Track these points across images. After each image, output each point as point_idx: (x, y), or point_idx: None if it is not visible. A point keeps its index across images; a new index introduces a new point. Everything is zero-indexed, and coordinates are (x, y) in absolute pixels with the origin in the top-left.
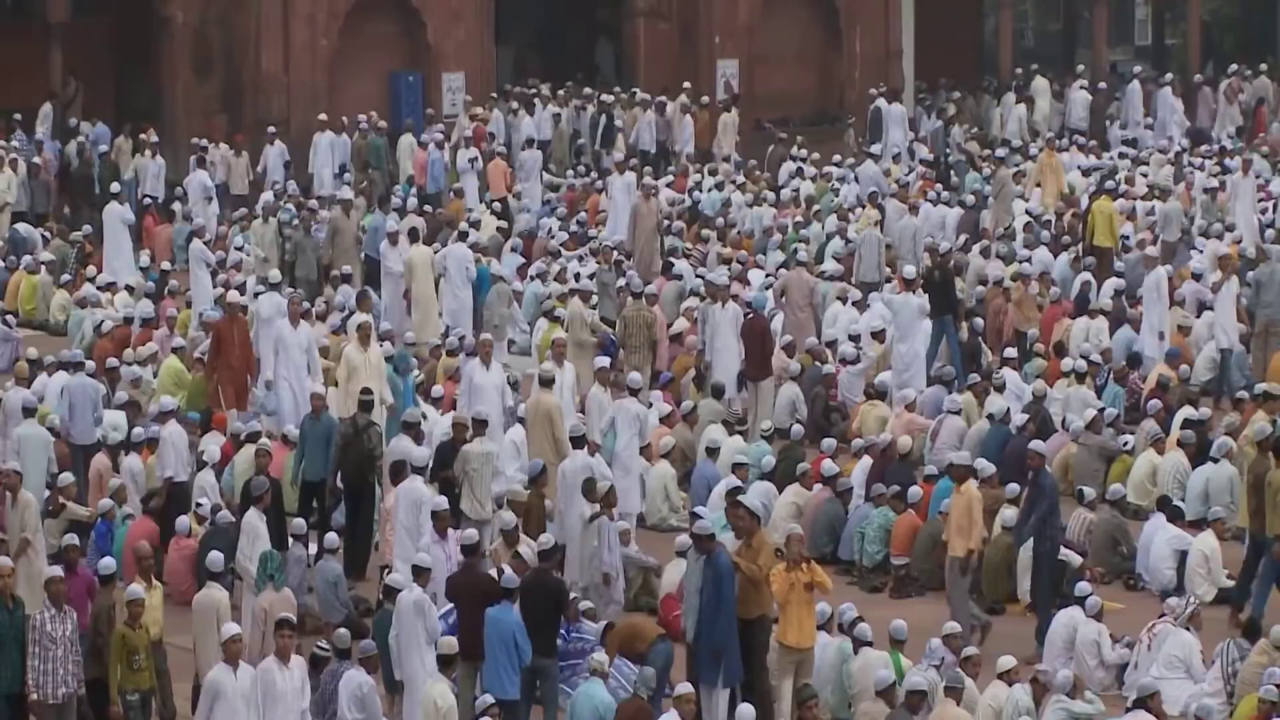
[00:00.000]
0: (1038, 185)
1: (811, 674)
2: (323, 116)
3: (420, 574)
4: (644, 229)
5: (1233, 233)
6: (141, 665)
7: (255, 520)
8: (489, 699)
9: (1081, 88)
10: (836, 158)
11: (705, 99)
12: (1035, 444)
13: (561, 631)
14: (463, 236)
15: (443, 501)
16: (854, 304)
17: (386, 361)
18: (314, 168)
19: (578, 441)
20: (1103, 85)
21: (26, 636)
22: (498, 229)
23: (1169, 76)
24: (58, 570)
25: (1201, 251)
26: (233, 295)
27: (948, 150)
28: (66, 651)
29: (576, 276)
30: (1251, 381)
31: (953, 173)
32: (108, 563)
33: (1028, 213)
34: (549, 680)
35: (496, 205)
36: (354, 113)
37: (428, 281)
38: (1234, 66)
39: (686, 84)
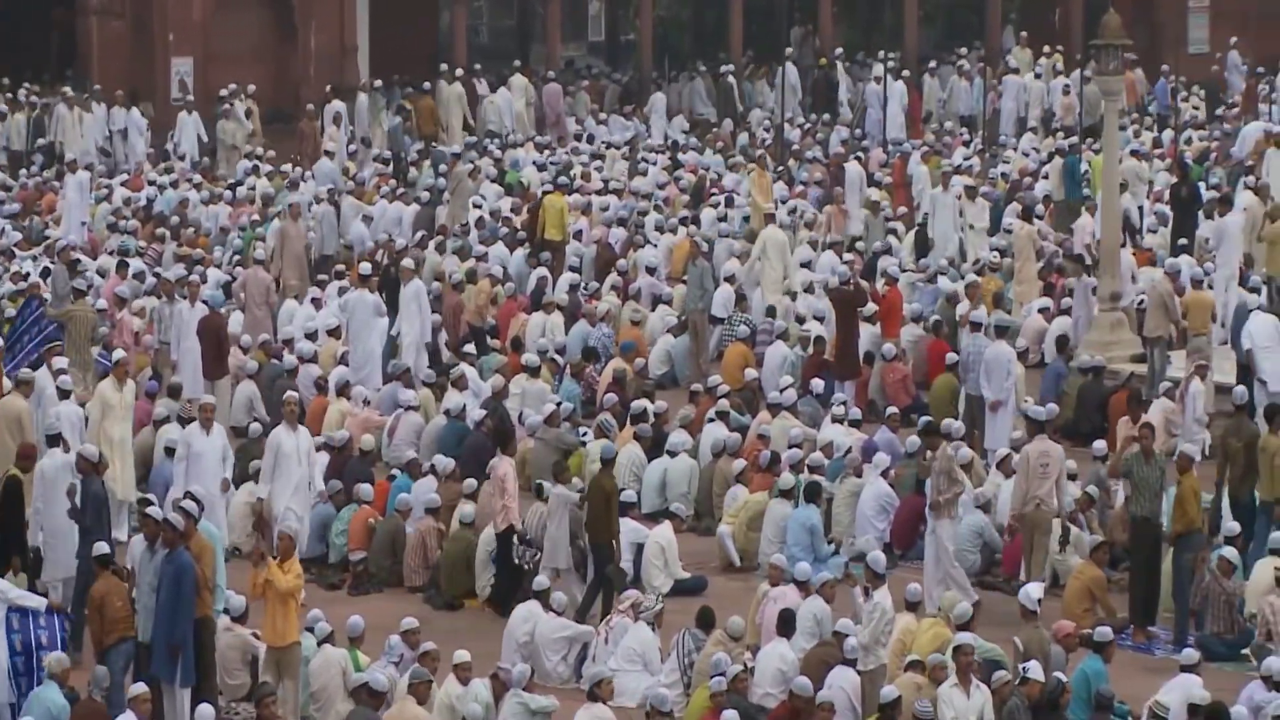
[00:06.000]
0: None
1: (297, 672)
2: None
3: None
4: (291, 252)
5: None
6: None
7: None
8: None
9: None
10: (295, 155)
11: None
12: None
13: None
14: None
15: None
16: (312, 301)
17: None
18: None
19: (53, 441)
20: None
21: None
22: None
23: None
24: None
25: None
26: None
27: (407, 146)
28: None
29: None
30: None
31: (412, 169)
32: None
33: (479, 208)
34: None
35: None
36: None
37: None
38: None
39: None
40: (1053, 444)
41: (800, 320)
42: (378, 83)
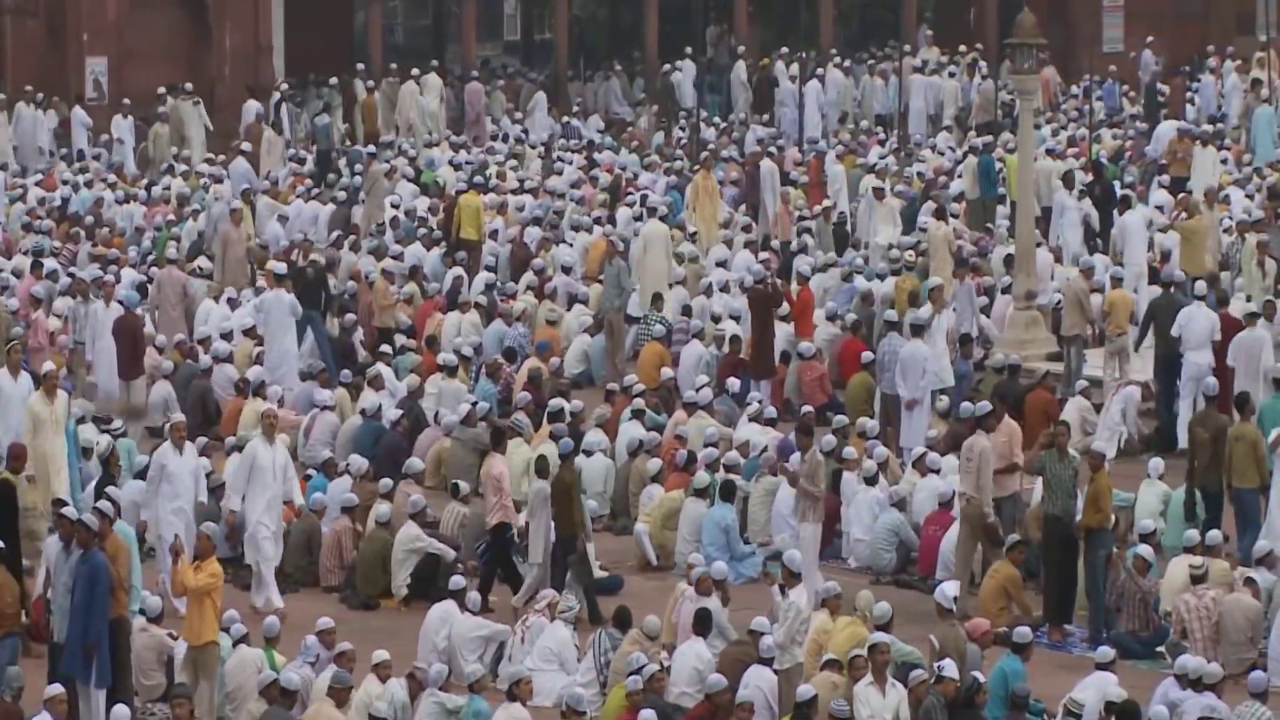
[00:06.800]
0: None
1: (213, 672)
2: None
3: None
4: (233, 257)
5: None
6: None
7: None
8: None
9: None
10: (209, 156)
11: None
12: None
13: None
14: None
15: None
16: (228, 301)
17: None
18: None
19: None
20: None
21: None
22: None
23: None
24: None
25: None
26: None
27: (337, 144)
28: None
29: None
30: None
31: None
32: None
33: (396, 208)
34: None
35: None
36: None
37: None
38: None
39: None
40: (981, 439)
41: (716, 319)
42: (333, 80)
